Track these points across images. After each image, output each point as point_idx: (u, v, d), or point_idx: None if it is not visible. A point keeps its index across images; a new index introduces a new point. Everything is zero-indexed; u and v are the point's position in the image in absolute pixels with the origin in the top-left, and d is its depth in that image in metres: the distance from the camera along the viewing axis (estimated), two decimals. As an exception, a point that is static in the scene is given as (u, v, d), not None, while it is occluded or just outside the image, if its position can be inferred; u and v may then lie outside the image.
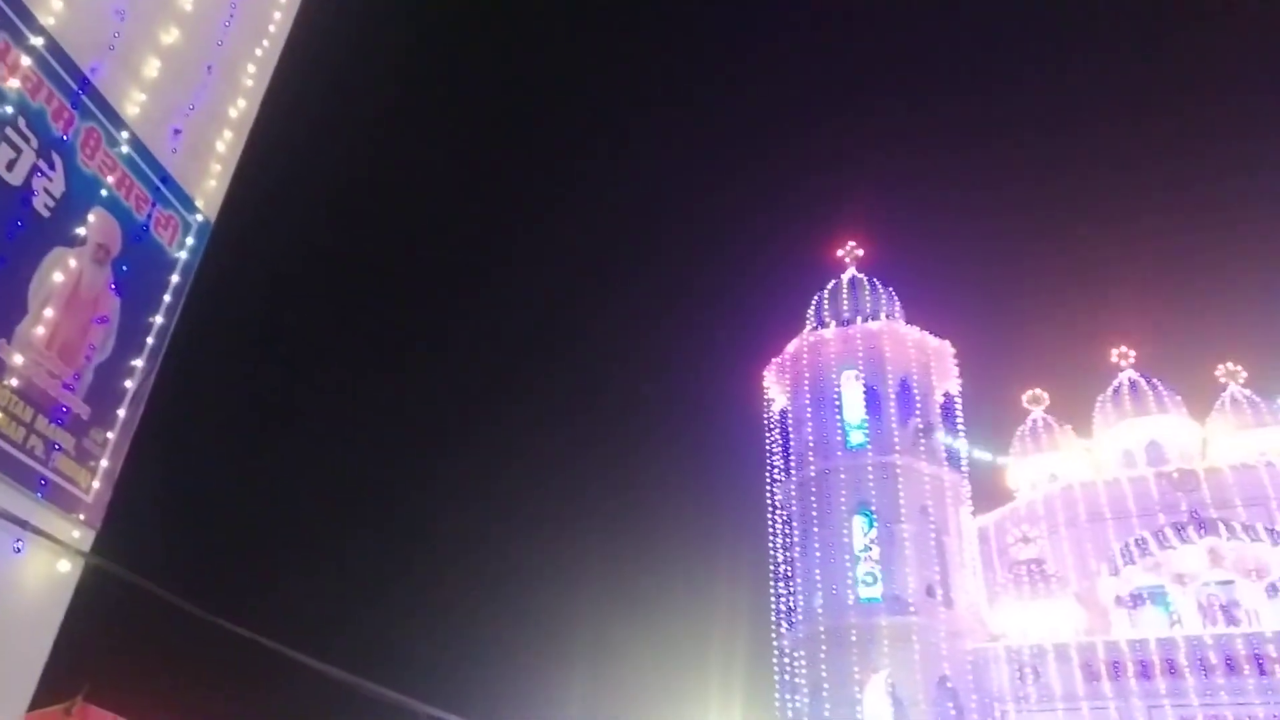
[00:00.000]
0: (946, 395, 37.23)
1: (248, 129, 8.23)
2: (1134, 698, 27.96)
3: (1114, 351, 41.53)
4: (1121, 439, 39.04)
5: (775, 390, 38.92)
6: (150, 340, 7.13)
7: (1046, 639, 30.20)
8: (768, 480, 36.35)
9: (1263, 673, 27.19)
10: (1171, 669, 27.94)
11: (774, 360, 38.67)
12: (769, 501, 35.88)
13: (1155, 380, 39.77)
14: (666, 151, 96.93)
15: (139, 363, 6.99)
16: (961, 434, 36.22)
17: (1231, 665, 27.51)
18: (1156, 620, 30.87)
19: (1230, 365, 39.86)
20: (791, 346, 38.01)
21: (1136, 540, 32.18)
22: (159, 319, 7.23)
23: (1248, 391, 38.92)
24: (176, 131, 7.36)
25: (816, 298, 39.41)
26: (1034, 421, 41.85)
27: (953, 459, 35.02)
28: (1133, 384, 39.83)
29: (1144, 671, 28.22)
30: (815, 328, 38.11)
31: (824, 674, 30.22)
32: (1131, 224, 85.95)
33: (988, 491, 40.19)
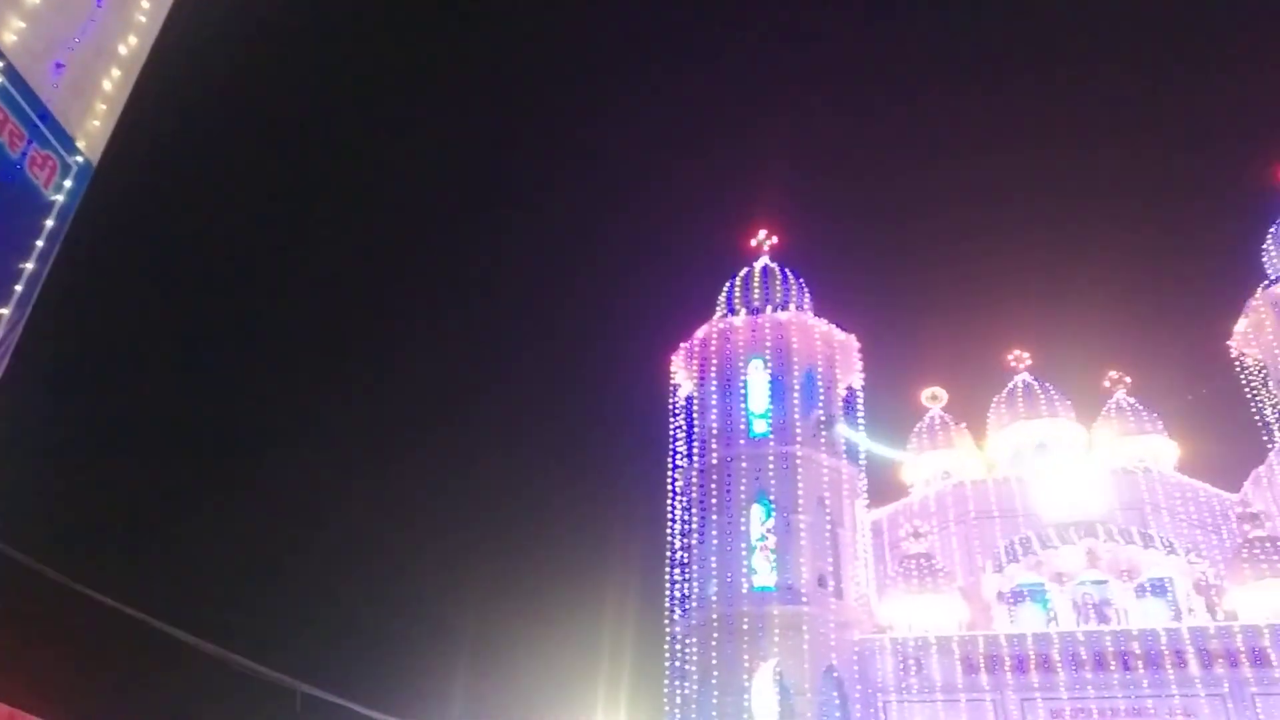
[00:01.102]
0: (849, 389, 37.88)
1: (139, 68, 7.52)
2: (1009, 690, 29.08)
3: (1010, 355, 43.08)
4: (1013, 440, 40.59)
5: (682, 376, 38.94)
6: (19, 288, 6.49)
7: (931, 631, 31.14)
8: (670, 466, 36.42)
9: (1127, 668, 28.62)
10: (1045, 664, 29.16)
11: (683, 345, 38.66)
12: (670, 488, 35.95)
13: (1047, 384, 41.43)
14: (585, 132, 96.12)
15: (5, 311, 6.37)
16: (862, 428, 36.95)
17: (1100, 661, 28.88)
18: (1035, 617, 32.17)
19: (1117, 374, 41.83)
20: (701, 332, 38.05)
21: (1021, 539, 33.46)
22: (30, 265, 6.59)
23: (1132, 399, 40.92)
24: (59, 66, 6.66)
25: (728, 285, 39.51)
26: (931, 419, 43.12)
27: (852, 452, 35.69)
28: (1026, 387, 41.41)
29: (1019, 665, 29.37)
30: (725, 315, 38.22)
31: (714, 661, 30.47)
32: (1031, 233, 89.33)
33: (884, 486, 41.25)
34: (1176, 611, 31.29)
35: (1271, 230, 35.47)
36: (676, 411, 37.91)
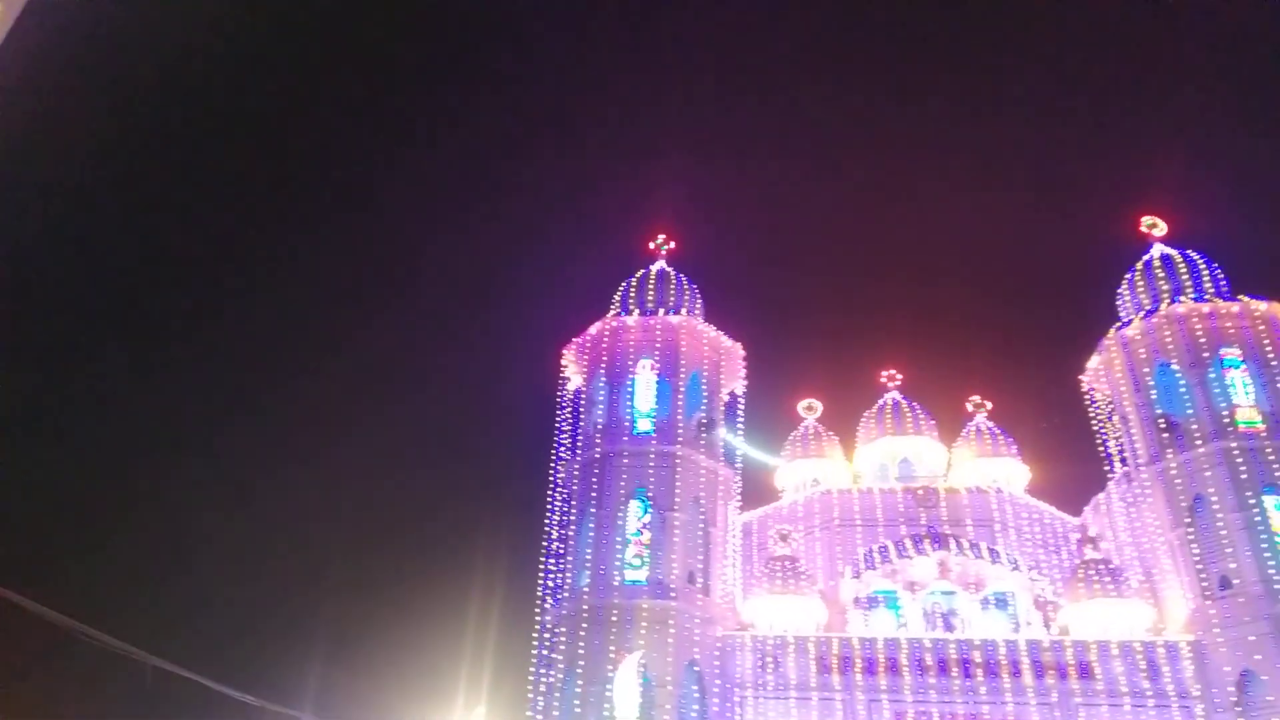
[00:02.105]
0: (732, 394, 38.99)
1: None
2: (858, 691, 30.53)
3: (883, 373, 45.11)
4: (879, 454, 42.55)
5: (573, 370, 39.32)
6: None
7: (789, 631, 32.40)
8: (553, 458, 36.72)
9: (967, 675, 30.45)
10: (893, 667, 30.74)
11: (575, 340, 39.04)
12: (551, 479, 36.25)
13: (915, 404, 43.60)
14: (491, 128, 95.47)
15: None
16: (740, 433, 38.09)
17: (944, 667, 30.63)
18: (887, 622, 33.84)
19: (979, 399, 44.28)
20: (594, 329, 38.52)
21: (879, 548, 35.13)
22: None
23: (991, 424, 43.40)
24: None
25: (624, 285, 40.12)
26: (806, 429, 44.72)
27: (729, 455, 36.76)
28: (895, 405, 43.49)
29: (869, 667, 30.87)
30: (619, 313, 38.80)
31: (581, 651, 30.94)
32: (911, 260, 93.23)
33: (757, 489, 42.58)
34: (1016, 624, 33.44)
35: (1127, 276, 38.21)
36: (564, 405, 38.26)
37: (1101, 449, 36.97)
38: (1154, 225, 38.73)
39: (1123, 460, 36.09)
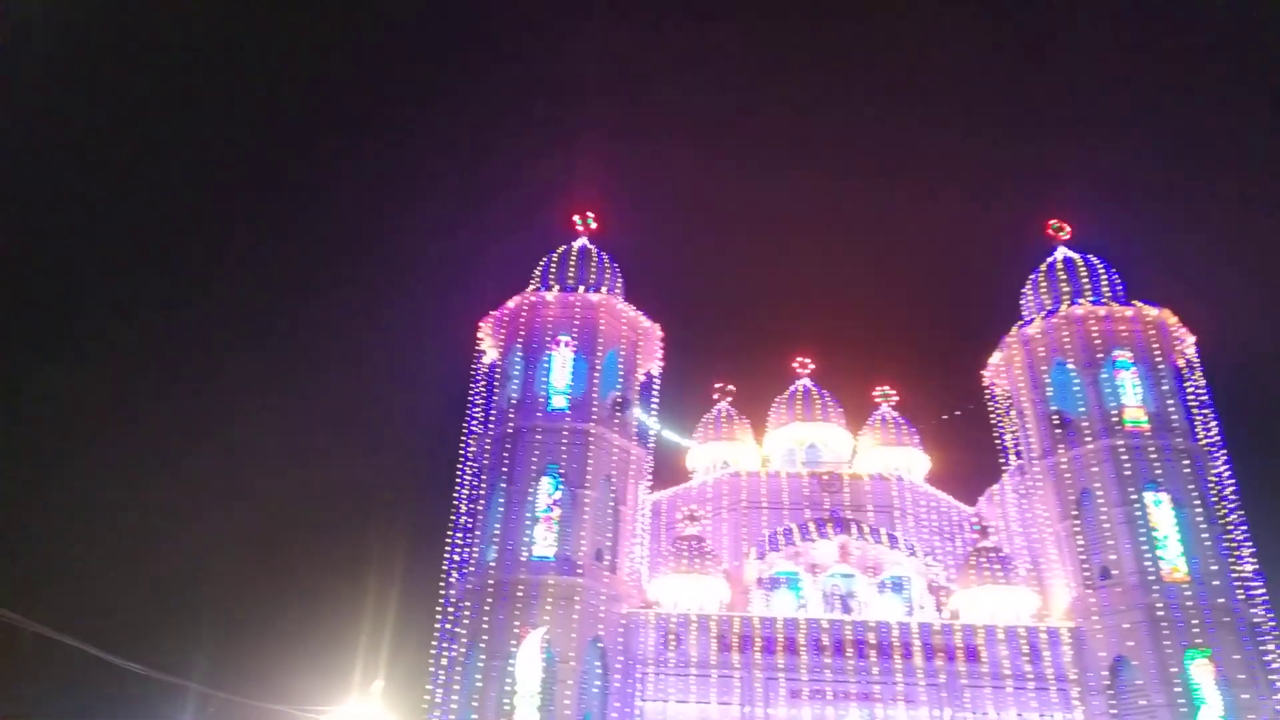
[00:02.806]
0: (648, 375, 39.24)
1: None
2: (756, 669, 31.25)
3: (795, 361, 46.00)
4: (788, 439, 43.47)
5: (489, 344, 38.98)
6: None
7: (693, 610, 32.93)
8: (465, 431, 36.40)
9: (862, 656, 31.44)
10: (791, 646, 31.54)
11: (492, 314, 38.67)
12: (462, 453, 35.95)
13: (824, 391, 44.62)
14: (412, 101, 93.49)
15: None
16: (654, 413, 38.37)
17: (839, 647, 31.56)
18: (788, 603, 34.67)
19: (886, 389, 45.55)
20: (512, 303, 38.20)
21: (784, 530, 35.94)
22: None
23: (895, 413, 44.70)
24: None
25: (545, 260, 39.88)
26: (718, 411, 45.33)
27: (642, 435, 37.01)
28: (805, 392, 44.46)
29: (768, 646, 31.60)
30: (539, 289, 38.57)
31: (485, 626, 30.87)
32: (829, 252, 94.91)
33: (668, 470, 43.06)
34: (910, 608, 34.65)
35: (1032, 277, 39.67)
36: (479, 379, 37.92)
37: (998, 442, 38.47)
38: (1059, 229, 40.27)
39: (1017, 454, 37.60)
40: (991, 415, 39.17)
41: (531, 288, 38.93)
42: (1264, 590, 31.08)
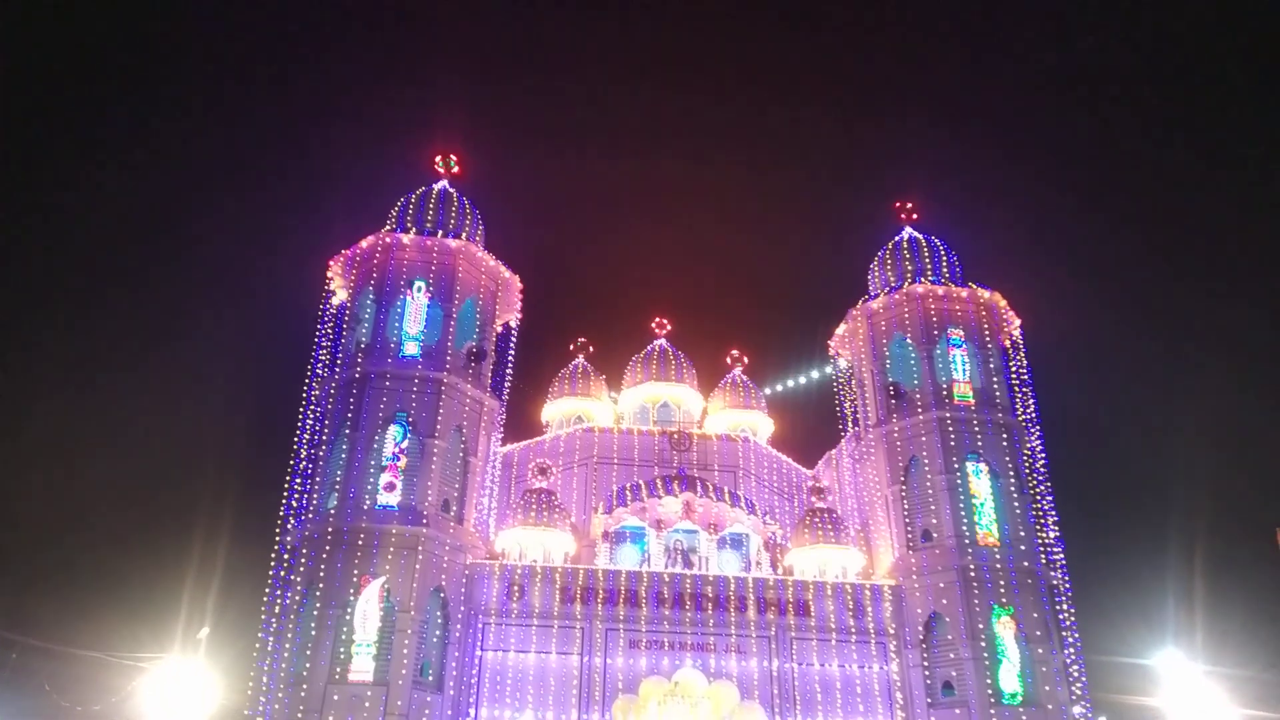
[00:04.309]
0: (505, 326, 38.74)
1: None
2: (597, 620, 31.81)
3: (654, 321, 46.61)
4: (642, 397, 44.12)
5: (338, 284, 37.48)
6: None
7: (539, 562, 33.13)
8: (309, 374, 35.01)
9: (699, 608, 32.49)
10: (633, 599, 32.25)
11: (343, 252, 37.14)
12: (305, 396, 34.58)
13: (679, 352, 45.44)
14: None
15: None
16: (510, 366, 38.03)
17: (679, 600, 32.50)
18: (632, 557, 35.39)
19: (736, 353, 46.87)
20: (365, 242, 36.77)
21: (632, 486, 36.52)
22: None
23: (745, 377, 46.08)
24: None
25: (403, 201, 38.57)
26: (574, 367, 45.49)
27: (497, 387, 36.60)
28: (661, 351, 45.14)
29: (610, 598, 32.20)
30: (394, 230, 37.29)
31: (322, 574, 30.03)
32: (693, 215, 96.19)
33: (522, 423, 42.96)
34: (748, 563, 36.02)
35: (879, 254, 41.44)
36: (325, 320, 36.46)
37: (839, 410, 40.27)
38: (907, 210, 42.15)
39: (855, 421, 39.48)
40: (834, 384, 40.95)
41: (387, 228, 37.58)
42: (1063, 555, 34.05)
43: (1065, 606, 33.27)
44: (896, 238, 41.27)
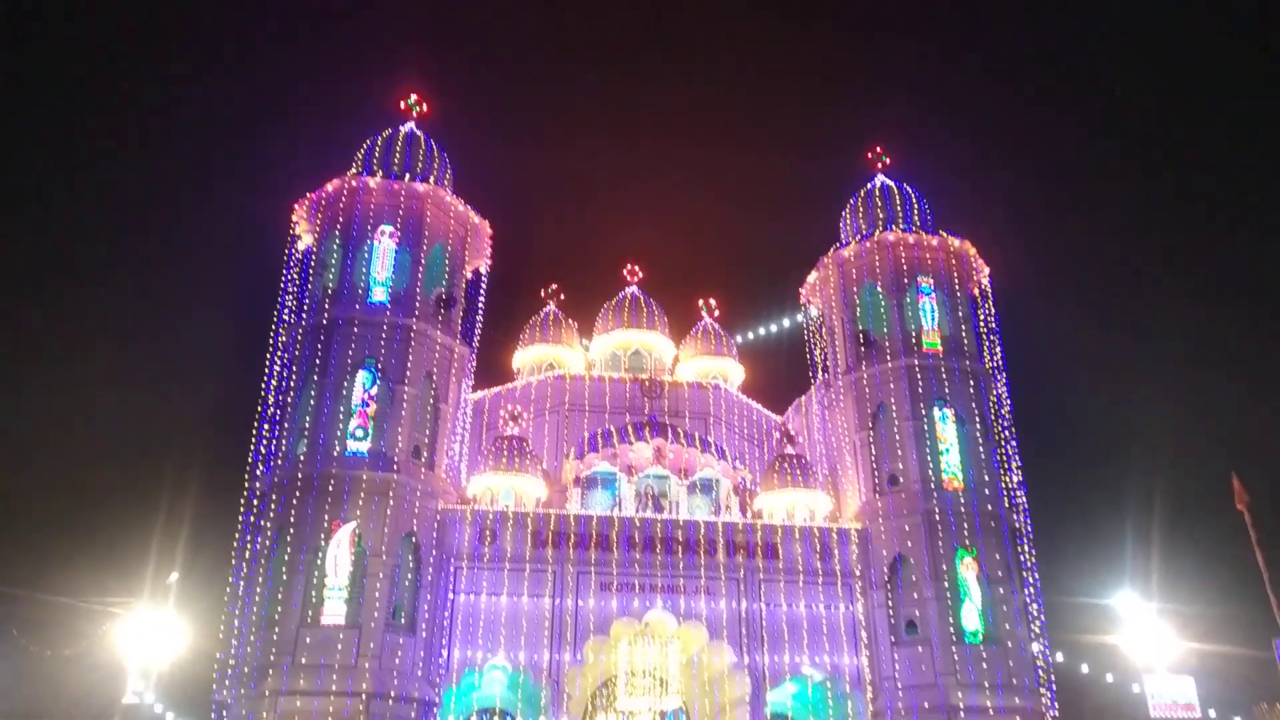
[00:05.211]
0: (475, 272, 38.39)
1: None
2: (569, 564, 32.10)
3: (626, 268, 46.39)
4: (613, 344, 44.11)
5: (304, 229, 36.86)
6: None
7: (510, 507, 33.30)
8: (275, 319, 34.56)
9: (670, 552, 32.87)
10: (604, 543, 32.55)
11: (309, 195, 36.47)
12: (272, 341, 34.19)
13: (651, 300, 45.37)
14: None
15: None
16: (480, 312, 37.80)
17: (650, 544, 32.84)
18: (603, 501, 35.67)
19: (709, 301, 46.88)
20: (331, 186, 36.07)
21: (603, 432, 36.69)
22: None
23: (716, 325, 46.17)
24: None
25: (369, 143, 37.84)
26: (546, 314, 45.31)
27: (467, 334, 36.37)
28: (634, 299, 45.04)
29: (582, 542, 32.47)
30: (361, 174, 36.63)
31: (293, 519, 30.00)
32: (668, 162, 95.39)
33: (492, 369, 42.85)
34: (718, 508, 36.47)
35: (851, 201, 41.38)
36: (292, 265, 35.92)
37: (809, 357, 40.51)
38: (879, 157, 42.03)
39: (825, 369, 39.76)
40: (805, 332, 41.13)
41: (352, 172, 36.90)
42: (1026, 499, 34.77)
43: (1026, 549, 34.06)
44: (869, 185, 41.19)
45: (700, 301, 46.90)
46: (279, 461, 31.69)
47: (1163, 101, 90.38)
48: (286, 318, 34.53)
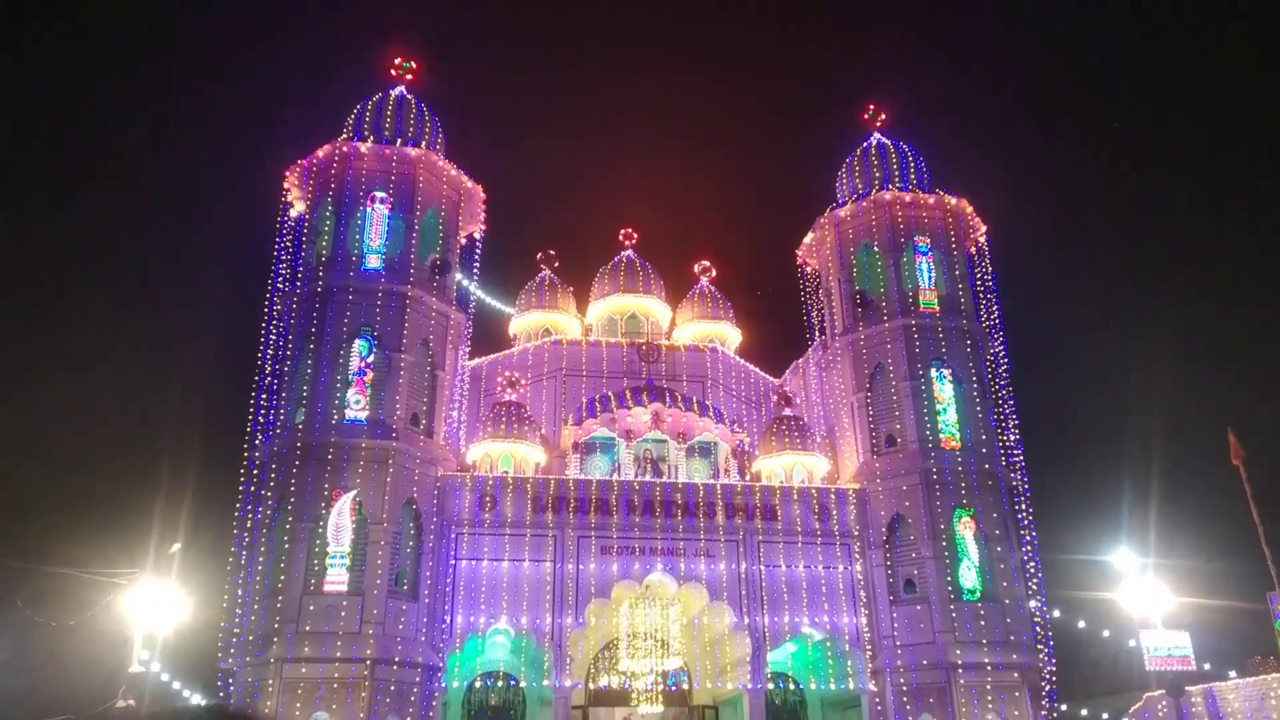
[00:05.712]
0: (470, 237, 38.15)
1: None
2: (569, 528, 32.26)
3: (622, 232, 46.11)
4: (610, 309, 43.96)
5: (296, 196, 36.52)
6: None
7: (510, 473, 33.38)
8: (269, 288, 34.35)
9: (669, 515, 33.02)
10: (604, 507, 32.68)
11: (301, 162, 36.08)
12: (267, 310, 34.01)
13: (647, 264, 45.15)
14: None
15: None
16: (476, 278, 37.61)
17: (649, 507, 32.97)
18: (602, 466, 35.77)
19: (705, 264, 46.64)
20: (322, 151, 35.68)
21: (601, 397, 36.69)
22: None
23: (713, 288, 46.00)
24: None
25: (360, 108, 37.37)
26: (542, 279, 45.10)
27: (463, 300, 36.23)
28: (629, 263, 44.80)
29: (582, 507, 32.61)
30: (352, 139, 36.20)
31: (293, 488, 30.06)
32: (661, 125, 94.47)
33: (489, 336, 42.75)
34: (716, 471, 36.58)
35: (847, 160, 41.03)
36: (285, 233, 35.62)
37: (806, 318, 40.43)
38: (875, 115, 41.59)
39: (822, 330, 39.71)
40: (801, 293, 41.01)
41: (344, 137, 36.47)
42: (1023, 458, 34.93)
43: (1024, 507, 34.27)
44: (865, 144, 40.82)
45: (696, 264, 46.69)
46: (278, 431, 31.68)
47: (1168, 48, 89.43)
48: (281, 286, 34.34)
